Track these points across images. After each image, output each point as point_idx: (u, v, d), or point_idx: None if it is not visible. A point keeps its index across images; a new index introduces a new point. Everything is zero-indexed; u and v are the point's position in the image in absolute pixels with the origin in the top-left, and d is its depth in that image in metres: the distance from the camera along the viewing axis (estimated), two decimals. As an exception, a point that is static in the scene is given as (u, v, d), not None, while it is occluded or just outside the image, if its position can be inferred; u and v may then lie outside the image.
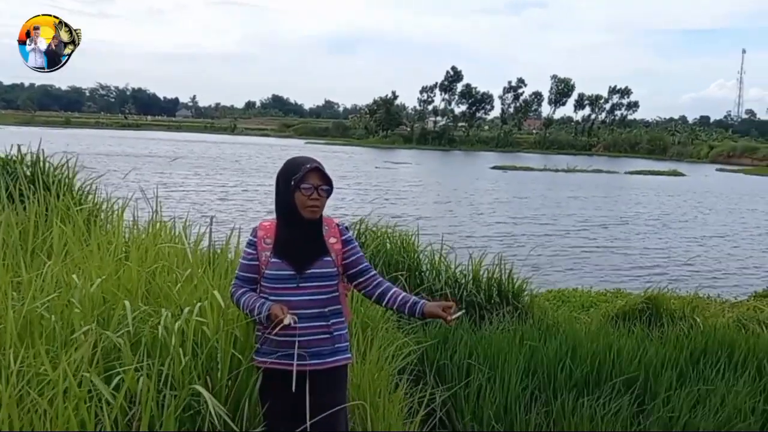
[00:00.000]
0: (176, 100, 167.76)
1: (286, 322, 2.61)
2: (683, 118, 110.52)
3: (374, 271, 2.97)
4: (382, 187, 28.44)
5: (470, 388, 4.35)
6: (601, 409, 4.17)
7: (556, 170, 46.97)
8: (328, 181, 2.80)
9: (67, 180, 6.00)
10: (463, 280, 6.52)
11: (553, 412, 4.22)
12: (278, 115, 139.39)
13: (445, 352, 4.85)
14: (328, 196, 2.82)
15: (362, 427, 3.37)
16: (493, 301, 6.44)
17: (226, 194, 23.41)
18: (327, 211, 2.97)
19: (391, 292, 2.92)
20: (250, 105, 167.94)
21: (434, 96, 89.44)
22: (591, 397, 4.29)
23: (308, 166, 2.76)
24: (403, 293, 2.92)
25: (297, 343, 2.68)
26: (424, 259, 6.64)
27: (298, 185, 2.75)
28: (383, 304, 2.95)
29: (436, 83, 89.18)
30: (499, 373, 4.46)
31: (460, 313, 2.79)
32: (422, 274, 6.44)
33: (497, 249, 11.76)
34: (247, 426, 2.72)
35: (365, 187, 27.65)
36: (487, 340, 5.14)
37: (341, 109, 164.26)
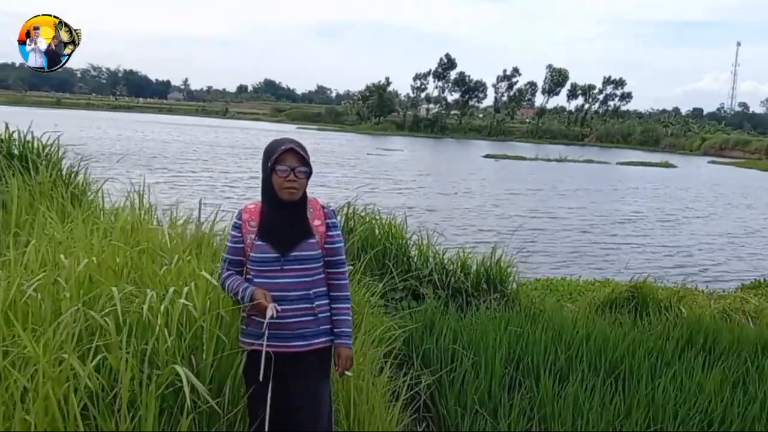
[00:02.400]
0: (168, 82, 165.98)
1: (268, 314, 2.62)
2: (676, 110, 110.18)
3: (343, 268, 2.96)
4: (392, 178, 27.88)
5: (455, 373, 4.38)
6: (584, 395, 4.21)
7: (548, 160, 46.97)
8: (305, 163, 2.78)
9: (55, 161, 5.96)
10: (451, 267, 6.55)
11: (537, 397, 4.25)
12: (270, 99, 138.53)
13: (431, 338, 4.88)
14: (307, 178, 2.80)
15: (345, 410, 3.39)
16: (480, 288, 6.48)
17: (228, 180, 23.12)
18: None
19: (336, 307, 2.92)
20: (242, 89, 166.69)
21: (427, 83, 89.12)
22: (574, 383, 4.33)
23: (283, 147, 2.74)
24: (343, 318, 2.92)
25: (271, 326, 2.68)
26: (412, 245, 6.66)
27: (274, 167, 2.74)
28: None
29: (430, 70, 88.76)
30: (483, 358, 4.50)
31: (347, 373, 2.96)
32: (410, 260, 6.46)
33: (491, 239, 11.77)
34: (229, 407, 2.74)
35: (373, 177, 27.20)
36: (473, 325, 5.17)
37: (334, 94, 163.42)
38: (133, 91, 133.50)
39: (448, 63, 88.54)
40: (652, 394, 4.34)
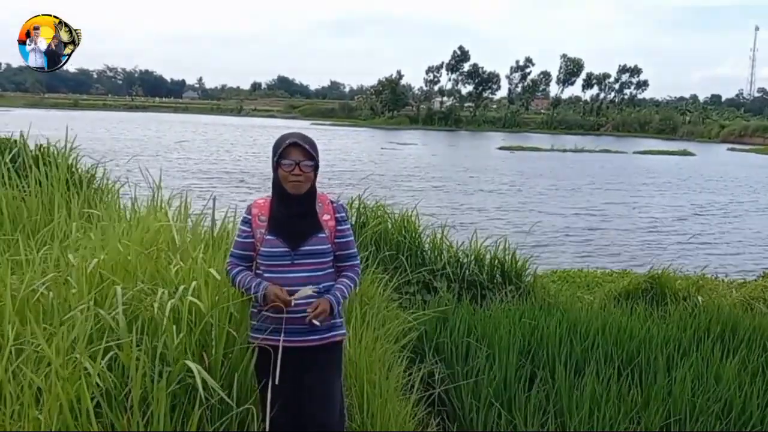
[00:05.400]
0: (183, 81, 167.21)
1: (306, 293, 2.70)
2: (694, 97, 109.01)
3: (353, 261, 2.97)
4: (429, 176, 27.50)
5: (469, 366, 4.35)
6: (600, 387, 4.16)
7: (564, 150, 46.64)
8: (311, 157, 2.77)
9: (71, 162, 6.00)
10: (465, 260, 6.51)
11: (552, 390, 4.21)
12: (284, 96, 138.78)
13: (445, 331, 4.85)
14: (314, 171, 2.80)
15: (359, 404, 3.39)
16: (495, 280, 6.44)
17: (261, 179, 23.06)
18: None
19: (341, 278, 2.93)
20: (256, 86, 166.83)
21: (440, 76, 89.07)
22: (590, 375, 4.28)
23: (288, 141, 2.75)
24: (342, 286, 2.88)
25: (284, 321, 2.70)
26: (425, 238, 6.62)
27: (279, 161, 2.75)
28: None
29: (443, 63, 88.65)
30: (497, 350, 4.46)
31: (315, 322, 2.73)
32: (424, 253, 6.43)
33: (547, 240, 11.41)
34: (240, 401, 2.74)
35: (410, 174, 26.82)
36: (486, 318, 5.14)
37: (347, 89, 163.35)
38: (148, 91, 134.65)
39: (462, 55, 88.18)
40: (670, 385, 4.28)
